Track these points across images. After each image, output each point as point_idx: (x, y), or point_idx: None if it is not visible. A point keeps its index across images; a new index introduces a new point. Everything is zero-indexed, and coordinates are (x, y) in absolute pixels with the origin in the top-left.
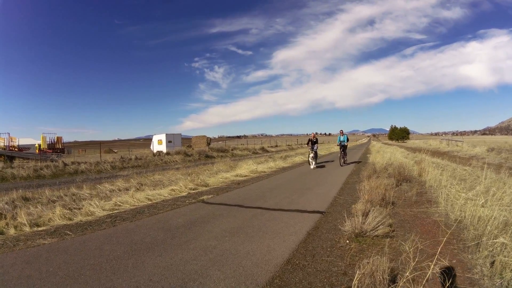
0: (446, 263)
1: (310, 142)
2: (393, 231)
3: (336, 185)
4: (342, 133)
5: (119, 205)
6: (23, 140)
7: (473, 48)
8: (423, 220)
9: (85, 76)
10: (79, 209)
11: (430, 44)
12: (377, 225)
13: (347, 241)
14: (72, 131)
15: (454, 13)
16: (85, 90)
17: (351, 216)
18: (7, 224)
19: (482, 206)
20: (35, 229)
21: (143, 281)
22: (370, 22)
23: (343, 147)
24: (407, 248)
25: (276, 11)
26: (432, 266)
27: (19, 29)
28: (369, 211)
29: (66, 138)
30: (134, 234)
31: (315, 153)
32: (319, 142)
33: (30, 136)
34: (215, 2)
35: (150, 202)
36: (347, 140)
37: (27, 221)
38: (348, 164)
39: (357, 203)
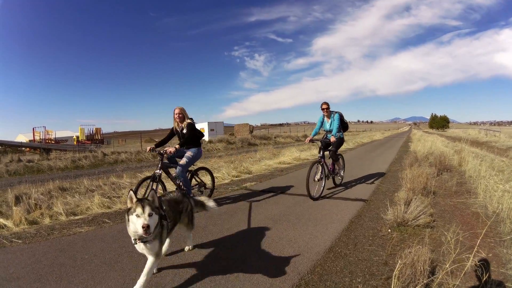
0: (483, 255)
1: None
2: (434, 221)
3: (379, 172)
4: (326, 110)
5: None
6: (60, 133)
7: (506, 35)
8: (462, 211)
9: (124, 68)
10: (119, 197)
11: (466, 31)
12: (418, 215)
13: (389, 230)
14: (112, 122)
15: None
16: (125, 81)
17: (393, 204)
18: (41, 214)
19: None
20: (72, 218)
21: (182, 268)
22: (406, 8)
23: (327, 147)
24: (449, 239)
25: None
26: (471, 259)
27: (54, 23)
28: (411, 200)
29: (106, 129)
30: None
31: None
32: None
33: (69, 128)
34: None
35: None
36: (340, 128)
37: (63, 210)
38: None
39: (399, 192)
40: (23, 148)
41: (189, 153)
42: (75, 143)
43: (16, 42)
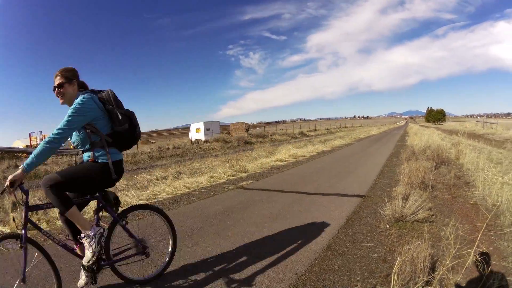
0: (483, 249)
1: None
2: (433, 215)
3: (376, 167)
4: (60, 90)
5: (156, 194)
6: None
7: (501, 27)
8: (461, 205)
9: (120, 70)
10: None
11: (460, 24)
12: (417, 209)
13: (387, 226)
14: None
15: None
16: (120, 83)
17: (391, 199)
18: (38, 219)
19: None
20: None
21: (177, 271)
22: (401, 2)
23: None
24: (448, 234)
25: None
26: (471, 255)
27: (45, 27)
28: (409, 194)
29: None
30: None
31: None
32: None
33: None
34: None
35: (188, 190)
36: (98, 132)
37: (59, 214)
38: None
39: (397, 186)
40: (20, 154)
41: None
42: (71, 147)
43: (13, 46)
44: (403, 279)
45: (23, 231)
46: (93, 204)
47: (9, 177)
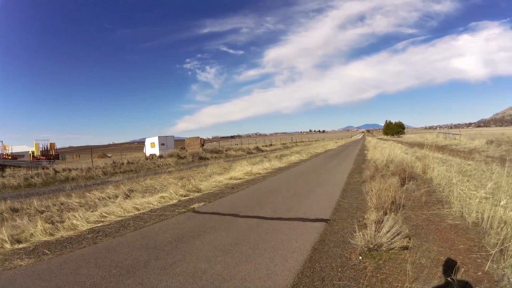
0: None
1: None
2: (409, 240)
3: (338, 185)
4: None
5: (105, 217)
6: (18, 148)
7: (464, 40)
8: (437, 225)
9: (78, 82)
10: (62, 222)
11: (421, 38)
12: (393, 237)
13: (360, 258)
14: (67, 137)
15: (445, 6)
16: (79, 96)
17: (359, 224)
18: None
19: (502, 207)
20: (16, 246)
21: None
22: (361, 18)
23: None
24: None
25: (266, 10)
26: None
27: (7, 35)
28: (383, 219)
29: (61, 144)
30: (114, 254)
31: None
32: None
33: (26, 143)
34: (205, 2)
35: (137, 212)
36: None
37: (8, 237)
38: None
39: (368, 212)
40: None
41: None
42: (30, 158)
43: None
44: None
45: None
46: None
47: None
